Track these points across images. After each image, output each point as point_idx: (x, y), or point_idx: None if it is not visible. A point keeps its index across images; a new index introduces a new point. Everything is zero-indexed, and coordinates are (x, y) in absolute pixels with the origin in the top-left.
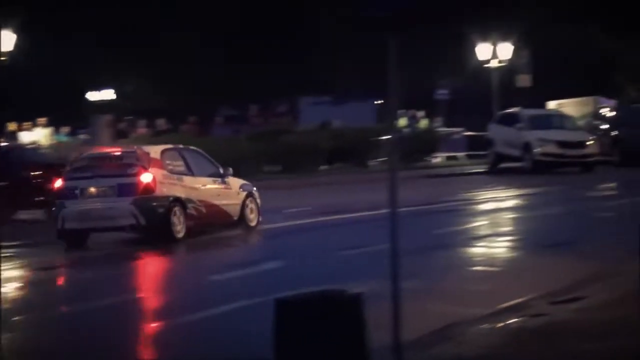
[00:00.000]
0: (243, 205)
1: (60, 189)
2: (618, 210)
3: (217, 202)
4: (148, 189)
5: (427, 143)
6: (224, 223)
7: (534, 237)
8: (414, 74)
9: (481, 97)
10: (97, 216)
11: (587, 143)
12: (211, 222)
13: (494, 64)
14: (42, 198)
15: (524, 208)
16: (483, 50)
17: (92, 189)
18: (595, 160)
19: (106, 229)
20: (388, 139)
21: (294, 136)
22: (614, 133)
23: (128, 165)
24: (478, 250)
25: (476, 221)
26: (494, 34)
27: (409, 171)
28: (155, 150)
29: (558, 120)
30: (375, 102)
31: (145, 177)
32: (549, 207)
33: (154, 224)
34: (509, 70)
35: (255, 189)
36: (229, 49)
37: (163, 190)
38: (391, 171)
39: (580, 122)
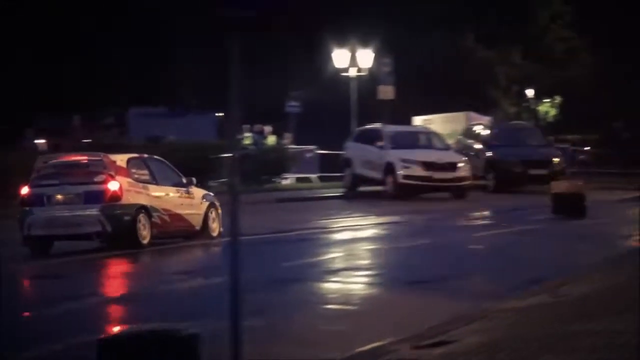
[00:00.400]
0: (205, 215)
1: (26, 196)
2: (492, 242)
3: (180, 211)
4: (115, 197)
5: (276, 162)
6: (187, 232)
7: (396, 272)
8: (261, 84)
9: (338, 110)
10: (64, 223)
11: (458, 165)
12: (175, 230)
13: (352, 72)
14: None
15: (385, 239)
16: (340, 57)
17: (59, 196)
18: (467, 184)
19: (72, 236)
20: (230, 156)
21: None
22: (488, 154)
23: (95, 173)
24: (333, 285)
25: (331, 252)
26: (353, 39)
27: (255, 194)
28: (121, 159)
29: (425, 138)
30: (217, 115)
31: (112, 185)
32: (414, 238)
33: (120, 232)
34: (369, 80)
35: (216, 199)
36: (43, 50)
37: (129, 198)
38: (232, 194)
39: (451, 141)
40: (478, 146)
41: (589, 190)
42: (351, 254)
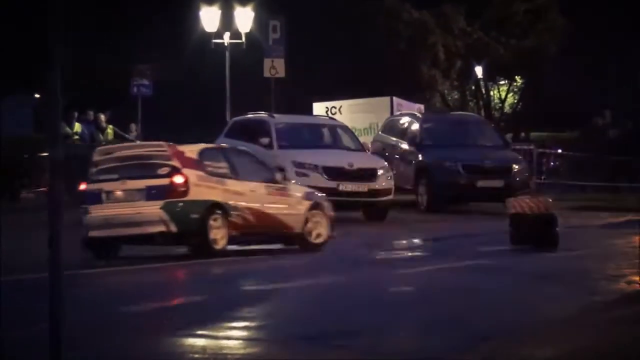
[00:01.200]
0: (305, 217)
1: (83, 192)
2: (423, 283)
3: (270, 210)
4: (181, 192)
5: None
6: (280, 235)
7: (287, 323)
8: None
9: (206, 93)
10: (123, 223)
11: (377, 173)
12: (263, 232)
13: (226, 39)
14: None
15: (272, 274)
16: (209, 18)
17: (119, 192)
18: (388, 200)
19: (134, 237)
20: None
21: None
22: (419, 158)
23: (158, 165)
24: (197, 341)
25: (196, 294)
26: None
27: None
28: (191, 149)
29: (329, 134)
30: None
31: (178, 179)
32: (314, 274)
33: (187, 232)
34: (251, 51)
35: (325, 199)
36: None
37: (199, 193)
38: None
39: (367, 139)
40: (405, 146)
41: (563, 210)
42: (224, 296)
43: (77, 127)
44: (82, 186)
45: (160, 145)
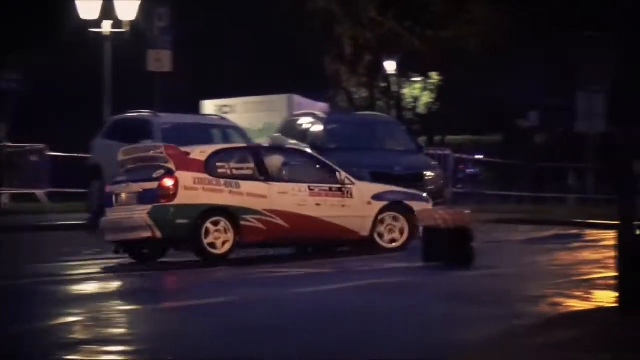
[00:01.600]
0: (375, 220)
1: (105, 194)
2: (319, 304)
3: (314, 213)
4: (167, 196)
5: None
6: (338, 239)
7: (171, 347)
8: None
9: (82, 89)
10: (121, 227)
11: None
12: (304, 237)
13: (106, 28)
14: None
15: (154, 293)
16: (87, 6)
17: (124, 196)
18: None
19: (131, 242)
20: None
21: None
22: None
23: (156, 168)
24: None
25: (67, 315)
26: None
27: None
28: (202, 151)
29: (220, 135)
30: None
31: (166, 182)
32: (203, 292)
33: (174, 238)
34: (134, 41)
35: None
36: None
37: (192, 197)
38: None
39: (262, 140)
40: (307, 150)
41: (481, 223)
42: (99, 317)
43: None
44: (107, 188)
45: (157, 147)
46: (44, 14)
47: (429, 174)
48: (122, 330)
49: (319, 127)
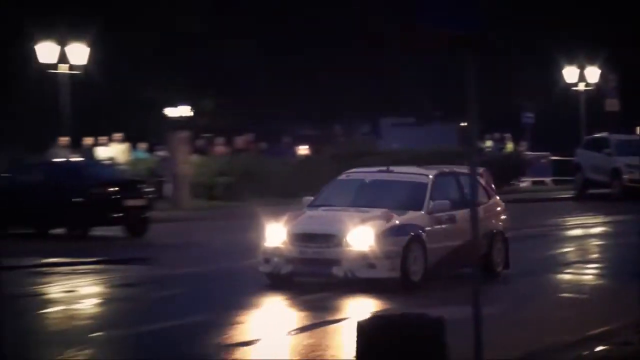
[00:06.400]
0: None
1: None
2: None
3: None
4: None
5: (514, 167)
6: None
7: (622, 265)
8: (499, 98)
9: (568, 121)
10: None
11: None
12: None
13: (581, 87)
14: (119, 215)
15: (612, 235)
16: (570, 74)
17: None
18: None
19: None
20: (469, 161)
21: (374, 157)
22: None
23: None
24: (566, 277)
25: (564, 247)
26: (581, 57)
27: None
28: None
29: None
30: (461, 125)
31: None
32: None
33: None
34: (596, 94)
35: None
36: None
37: None
38: (472, 195)
39: None
40: None
41: None
42: (582, 248)
43: (488, 143)
44: None
45: None
46: (542, 77)
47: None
48: (596, 255)
49: None
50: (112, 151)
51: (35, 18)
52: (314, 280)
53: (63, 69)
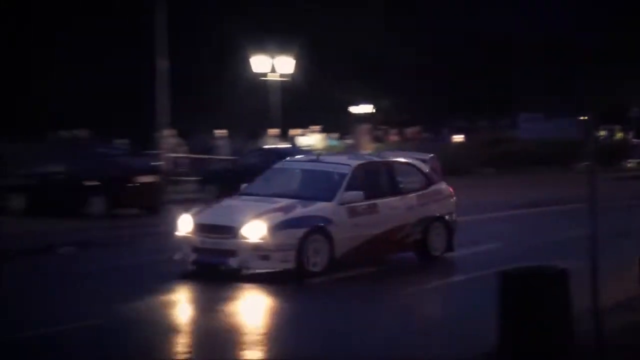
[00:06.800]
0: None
1: None
2: None
3: None
4: None
5: (621, 150)
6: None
7: None
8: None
9: None
10: None
11: None
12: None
13: None
14: None
15: None
16: None
17: None
18: None
19: None
20: (586, 147)
21: (511, 144)
22: None
23: None
24: None
25: None
26: None
27: (605, 173)
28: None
29: None
30: (580, 119)
31: None
32: None
33: None
34: None
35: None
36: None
37: None
38: (590, 172)
39: None
40: None
41: None
42: None
43: (602, 132)
44: None
45: None
46: None
47: None
48: None
49: None
50: (311, 140)
51: (250, 35)
52: (219, 271)
53: (273, 77)
